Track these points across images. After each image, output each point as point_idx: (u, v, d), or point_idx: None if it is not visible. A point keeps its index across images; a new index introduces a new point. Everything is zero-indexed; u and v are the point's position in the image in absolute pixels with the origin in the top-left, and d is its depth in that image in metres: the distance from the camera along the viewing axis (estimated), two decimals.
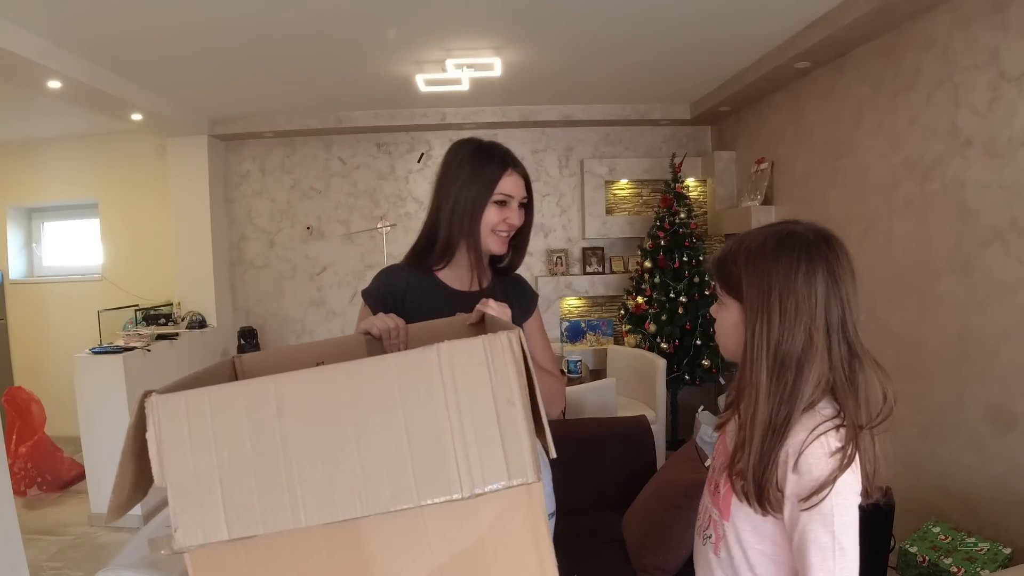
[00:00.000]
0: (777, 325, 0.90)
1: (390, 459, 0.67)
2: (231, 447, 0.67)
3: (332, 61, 3.44)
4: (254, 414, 0.67)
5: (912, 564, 2.31)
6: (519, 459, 0.67)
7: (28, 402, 4.00)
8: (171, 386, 0.77)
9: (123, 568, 1.33)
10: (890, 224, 2.94)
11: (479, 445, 0.67)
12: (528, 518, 0.71)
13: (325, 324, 4.98)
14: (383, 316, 1.21)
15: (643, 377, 3.93)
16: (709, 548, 1.02)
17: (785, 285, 0.90)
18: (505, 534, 0.71)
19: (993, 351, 2.40)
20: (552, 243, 4.92)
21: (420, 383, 0.68)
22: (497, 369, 0.69)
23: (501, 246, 1.40)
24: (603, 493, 2.56)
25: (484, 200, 1.36)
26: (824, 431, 0.86)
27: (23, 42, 2.78)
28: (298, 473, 0.66)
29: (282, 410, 0.67)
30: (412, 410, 0.68)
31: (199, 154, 4.62)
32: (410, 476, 0.67)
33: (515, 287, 1.52)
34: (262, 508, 0.66)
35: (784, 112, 3.91)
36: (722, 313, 1.01)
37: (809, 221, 0.97)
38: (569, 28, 3.08)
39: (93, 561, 3.08)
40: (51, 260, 5.35)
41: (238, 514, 0.65)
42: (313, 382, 0.69)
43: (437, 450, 0.67)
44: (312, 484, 0.66)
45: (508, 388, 0.68)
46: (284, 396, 0.68)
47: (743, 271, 0.94)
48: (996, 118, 2.35)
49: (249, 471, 0.66)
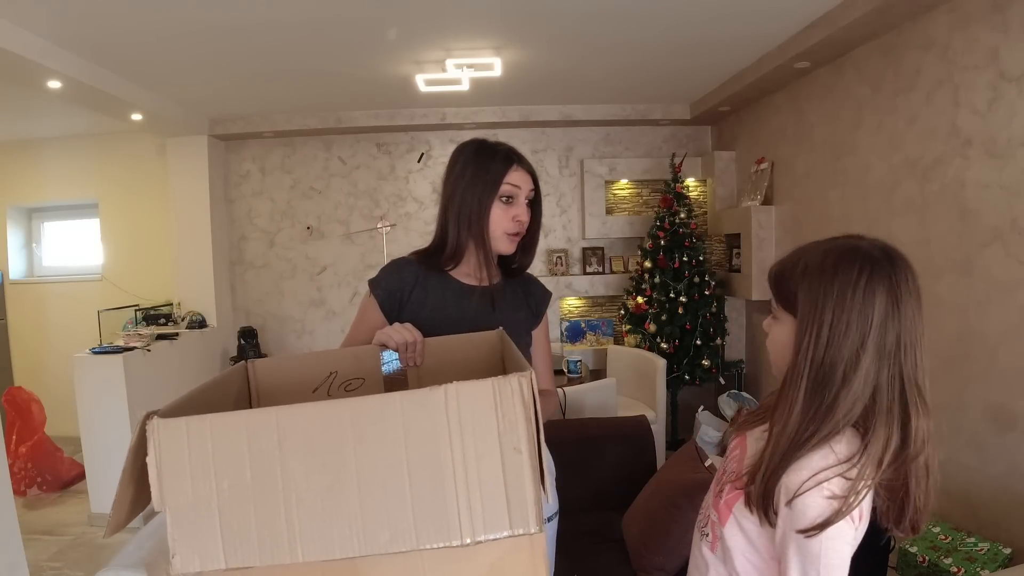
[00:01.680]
0: (825, 341, 0.86)
1: (390, 500, 0.66)
2: (231, 477, 0.67)
3: (332, 61, 3.45)
4: (255, 444, 0.67)
5: (912, 564, 2.31)
6: (522, 509, 0.66)
7: (28, 402, 4.00)
8: (179, 402, 0.77)
9: (123, 568, 1.33)
10: (890, 224, 2.94)
11: (482, 493, 0.66)
12: (529, 566, 0.69)
13: (325, 324, 4.98)
14: (400, 328, 1.15)
15: (643, 377, 3.93)
16: (706, 544, 1.01)
17: (840, 301, 0.85)
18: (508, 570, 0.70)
19: (993, 351, 2.40)
20: (552, 243, 4.92)
21: (426, 424, 0.67)
22: (506, 414, 0.67)
23: (511, 246, 1.37)
24: (603, 493, 2.56)
25: (490, 198, 1.33)
26: (826, 479, 0.82)
27: (23, 42, 2.78)
28: (297, 508, 0.66)
29: (283, 442, 0.67)
30: (416, 451, 0.66)
31: (199, 154, 4.62)
32: (410, 519, 0.65)
33: (526, 286, 1.49)
34: (260, 540, 0.66)
35: (784, 112, 3.91)
36: (775, 328, 0.97)
37: (875, 237, 0.91)
38: (569, 28, 3.08)
39: (93, 561, 3.08)
40: (51, 260, 5.34)
41: (236, 544, 0.66)
42: (316, 416, 0.68)
43: (439, 494, 0.66)
44: (311, 520, 0.66)
45: (515, 435, 0.66)
46: (286, 428, 0.67)
47: (800, 285, 0.90)
48: (996, 118, 2.35)
49: (248, 502, 0.66)
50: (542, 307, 1.49)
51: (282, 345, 4.99)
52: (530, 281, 1.51)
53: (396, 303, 1.35)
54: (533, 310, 1.47)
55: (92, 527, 3.48)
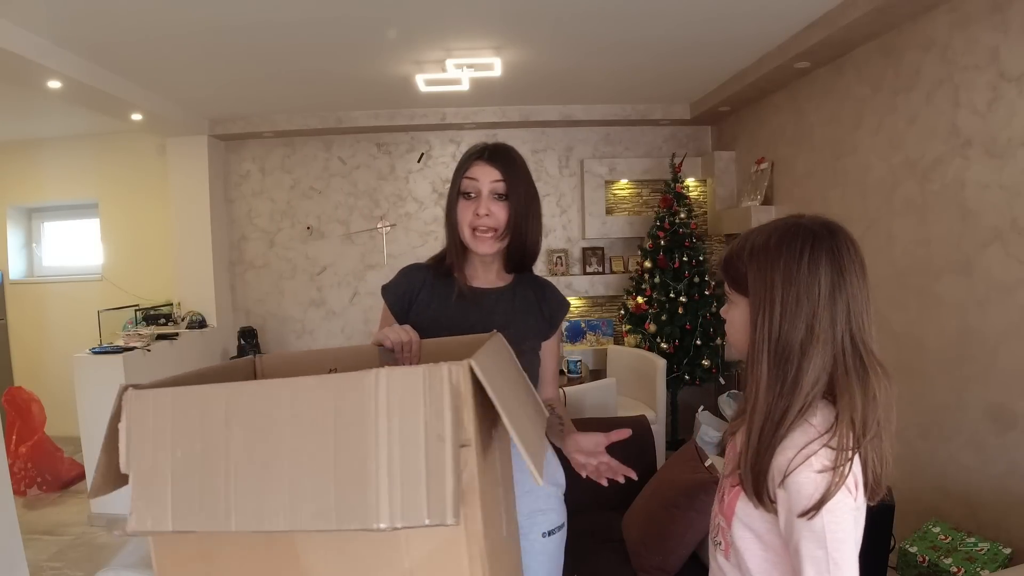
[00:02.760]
0: (779, 317, 0.89)
1: (316, 480, 0.67)
2: (185, 447, 0.71)
3: (332, 61, 3.45)
4: (207, 418, 0.71)
5: (912, 564, 2.31)
6: (440, 499, 0.64)
7: (28, 402, 4.00)
8: (172, 378, 0.81)
9: (123, 568, 1.33)
10: (890, 224, 2.94)
11: (402, 479, 0.64)
12: (464, 558, 0.70)
13: (325, 324, 4.98)
14: (397, 328, 1.17)
15: (643, 377, 3.93)
16: (720, 552, 1.02)
17: (787, 276, 0.89)
18: (437, 570, 0.70)
19: (993, 351, 2.40)
20: (552, 243, 4.92)
21: (355, 406, 0.67)
22: (433, 402, 0.66)
23: (483, 245, 1.31)
24: (603, 493, 2.54)
25: (454, 194, 1.33)
26: (813, 452, 0.84)
27: (23, 42, 2.78)
28: (235, 479, 0.69)
29: (230, 419, 0.70)
30: (343, 432, 0.67)
31: (199, 154, 4.62)
32: (331, 499, 0.66)
33: (542, 291, 1.45)
34: (201, 507, 0.69)
35: (784, 112, 3.91)
36: (731, 312, 1.00)
37: (815, 214, 0.95)
38: (569, 28, 3.08)
39: (93, 561, 3.08)
40: (51, 260, 5.34)
41: (182, 509, 0.70)
42: (260, 395, 0.71)
43: (360, 476, 0.65)
44: (245, 492, 0.68)
45: (441, 423, 0.66)
46: (234, 404, 0.70)
47: (748, 266, 0.93)
48: (996, 118, 2.35)
49: (196, 471, 0.70)
50: (558, 317, 1.45)
51: (282, 345, 4.99)
52: (546, 287, 1.47)
53: (405, 305, 1.38)
54: (547, 317, 1.43)
55: (92, 527, 3.48)
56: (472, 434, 0.68)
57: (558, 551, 1.40)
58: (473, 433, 0.69)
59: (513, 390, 0.82)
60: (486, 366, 0.71)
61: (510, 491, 0.98)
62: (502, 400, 0.71)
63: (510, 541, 0.92)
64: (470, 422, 0.68)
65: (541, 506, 1.36)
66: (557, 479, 1.43)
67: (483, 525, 0.71)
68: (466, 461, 0.69)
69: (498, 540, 0.80)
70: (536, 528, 1.35)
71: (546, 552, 1.37)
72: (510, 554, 0.90)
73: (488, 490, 0.76)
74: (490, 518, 0.76)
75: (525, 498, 1.29)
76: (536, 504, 1.35)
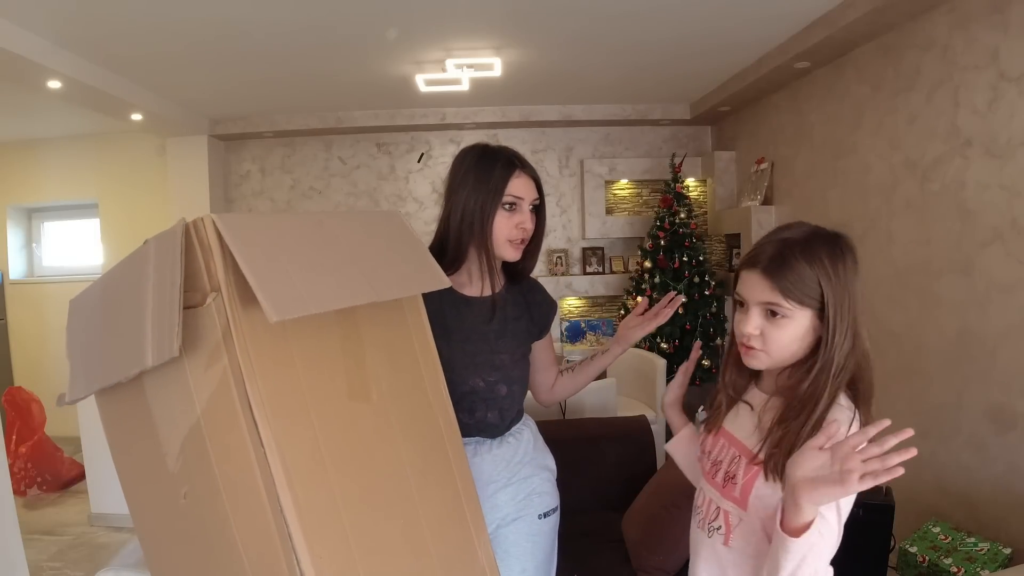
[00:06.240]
0: (847, 325, 0.95)
1: (128, 335, 0.79)
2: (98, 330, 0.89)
3: (332, 61, 3.45)
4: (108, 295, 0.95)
5: (912, 564, 2.31)
6: (169, 337, 0.72)
7: (28, 402, 3.99)
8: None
9: (123, 568, 1.33)
10: (890, 224, 2.94)
11: (160, 322, 0.73)
12: (235, 401, 0.74)
13: None
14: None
15: (643, 377, 3.93)
16: (717, 539, 1.02)
17: (847, 284, 0.95)
18: (217, 411, 0.76)
19: (993, 351, 2.40)
20: (552, 243, 4.92)
21: (135, 270, 0.83)
22: (170, 252, 0.77)
23: (515, 253, 1.36)
24: (603, 493, 2.56)
25: (493, 206, 1.31)
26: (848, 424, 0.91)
27: (23, 42, 2.78)
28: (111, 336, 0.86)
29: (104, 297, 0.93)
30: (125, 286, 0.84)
31: (199, 154, 4.62)
32: (135, 344, 0.76)
33: (531, 294, 1.47)
34: (100, 373, 0.84)
35: (784, 112, 3.91)
36: (782, 325, 0.96)
37: (814, 224, 1.01)
38: (569, 28, 3.08)
39: (93, 561, 3.08)
40: (51, 260, 5.34)
41: (87, 381, 0.87)
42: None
43: (140, 325, 0.76)
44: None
45: (174, 272, 0.75)
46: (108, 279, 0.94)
47: (821, 278, 0.94)
48: (996, 118, 2.35)
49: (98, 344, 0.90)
50: (546, 321, 1.48)
51: None
52: (533, 288, 1.48)
53: None
54: (536, 320, 1.45)
55: (92, 527, 3.48)
56: (222, 282, 0.75)
57: (552, 532, 1.44)
58: (223, 282, 0.75)
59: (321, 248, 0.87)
60: (245, 224, 0.79)
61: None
62: (240, 249, 0.75)
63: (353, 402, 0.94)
64: (218, 271, 0.75)
65: (537, 488, 1.40)
66: (548, 464, 1.47)
67: (256, 367, 0.75)
68: (219, 307, 0.74)
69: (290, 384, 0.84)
70: (533, 509, 1.40)
71: (542, 533, 1.41)
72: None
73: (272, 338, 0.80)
74: (266, 356, 0.79)
75: (523, 483, 1.39)
76: (532, 486, 1.40)
